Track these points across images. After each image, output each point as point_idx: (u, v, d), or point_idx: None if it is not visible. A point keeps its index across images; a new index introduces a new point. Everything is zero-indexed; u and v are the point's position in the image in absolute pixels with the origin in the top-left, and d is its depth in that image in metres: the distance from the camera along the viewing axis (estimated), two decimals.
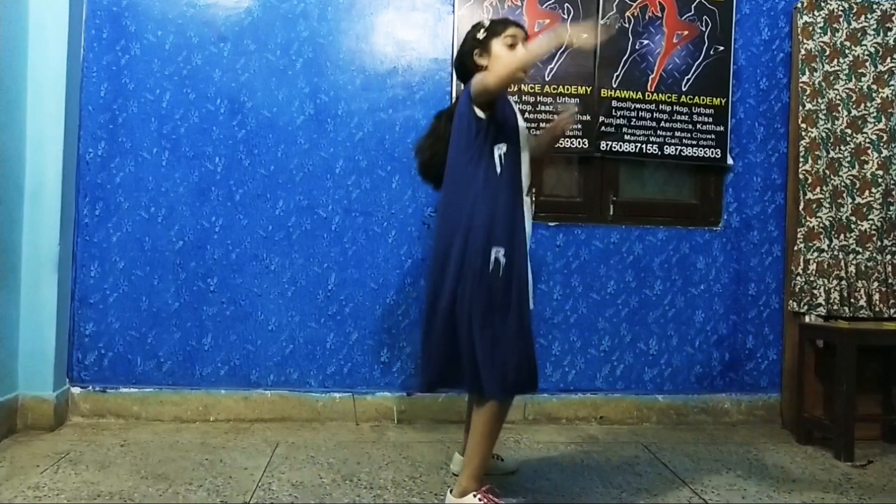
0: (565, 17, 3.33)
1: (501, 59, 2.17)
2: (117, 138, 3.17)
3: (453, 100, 3.26)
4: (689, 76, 3.40)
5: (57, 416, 2.98)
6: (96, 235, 3.15)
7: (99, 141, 3.16)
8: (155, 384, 3.17)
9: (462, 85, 2.34)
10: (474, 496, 2.09)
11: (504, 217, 2.10)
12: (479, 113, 2.14)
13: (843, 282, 3.27)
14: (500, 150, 2.14)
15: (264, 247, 3.23)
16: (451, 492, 2.16)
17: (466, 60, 2.28)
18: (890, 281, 3.29)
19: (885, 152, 3.31)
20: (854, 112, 3.33)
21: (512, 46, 2.19)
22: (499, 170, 2.12)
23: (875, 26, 3.34)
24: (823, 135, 3.31)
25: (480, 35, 2.24)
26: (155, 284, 3.18)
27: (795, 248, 3.34)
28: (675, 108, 3.38)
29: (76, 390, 3.12)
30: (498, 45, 2.20)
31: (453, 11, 3.29)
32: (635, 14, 3.37)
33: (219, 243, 3.21)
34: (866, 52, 3.34)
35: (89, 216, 3.15)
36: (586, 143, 3.32)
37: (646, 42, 3.37)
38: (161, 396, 3.16)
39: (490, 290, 2.04)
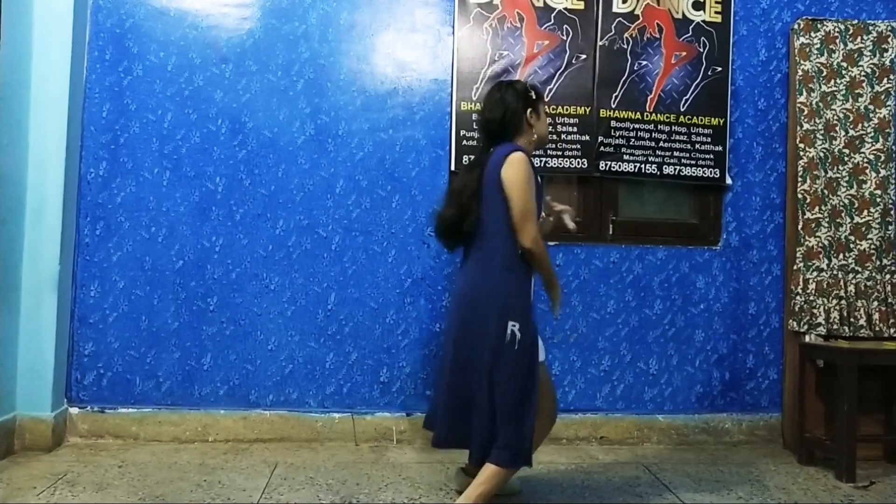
0: (564, 37, 3.36)
1: (544, 126, 2.45)
2: (119, 158, 3.19)
3: (454, 123, 3.29)
4: (688, 96, 3.42)
5: (55, 436, 2.97)
6: (97, 255, 3.16)
7: (100, 161, 3.18)
8: (154, 404, 3.16)
9: (488, 139, 2.39)
10: None
11: (522, 293, 2.24)
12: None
13: (843, 301, 3.28)
14: None
15: (264, 266, 3.23)
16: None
17: (515, 118, 2.33)
18: (889, 300, 3.29)
19: (882, 172, 3.32)
20: (852, 132, 3.35)
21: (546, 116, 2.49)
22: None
23: (871, 47, 3.37)
24: (822, 154, 3.33)
25: (533, 96, 2.39)
26: (155, 304, 3.18)
27: (795, 267, 3.34)
28: (673, 128, 3.40)
29: (74, 410, 3.11)
30: (543, 113, 2.43)
31: (453, 33, 3.32)
32: (634, 35, 3.40)
33: (219, 263, 3.21)
34: (863, 73, 3.36)
35: (90, 236, 3.16)
36: (585, 162, 3.34)
37: (644, 63, 3.40)
38: (160, 416, 3.14)
39: (505, 362, 2.16)
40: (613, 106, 3.37)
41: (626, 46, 3.39)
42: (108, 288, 3.16)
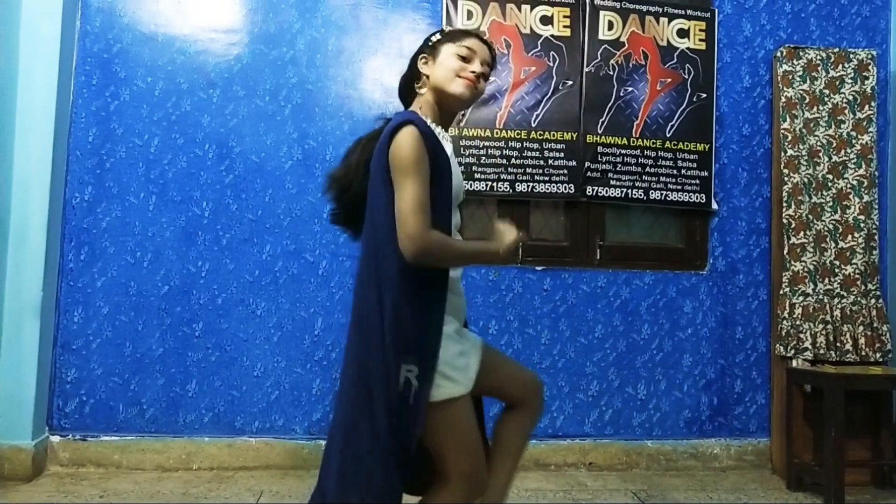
0: (551, 63, 3.39)
1: (444, 67, 1.71)
2: (104, 183, 3.17)
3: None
4: (674, 122, 3.45)
5: (35, 465, 2.92)
6: (81, 280, 3.13)
7: (86, 185, 3.16)
8: (137, 432, 3.11)
9: (402, 105, 1.87)
10: None
11: (422, 321, 1.59)
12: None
13: (829, 326, 3.29)
14: None
15: (251, 291, 3.21)
16: None
17: (411, 69, 1.80)
18: (875, 325, 3.31)
19: (866, 197, 3.36)
20: (835, 158, 3.39)
21: (464, 59, 1.71)
22: None
23: (852, 75, 3.42)
24: (805, 180, 3.36)
25: (434, 38, 1.78)
26: (139, 330, 3.14)
27: (781, 291, 3.35)
28: (659, 153, 3.43)
29: (55, 439, 3.06)
30: (448, 52, 1.73)
31: None
32: (619, 62, 3.43)
33: (205, 288, 3.19)
34: (845, 100, 3.41)
35: (74, 261, 3.13)
36: (572, 188, 3.35)
37: (630, 89, 3.43)
38: (143, 444, 3.10)
39: (390, 415, 1.54)
40: (600, 131, 3.39)
41: (612, 73, 3.42)
42: (92, 314, 3.13)
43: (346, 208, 1.79)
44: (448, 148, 1.69)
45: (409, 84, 1.81)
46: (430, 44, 1.77)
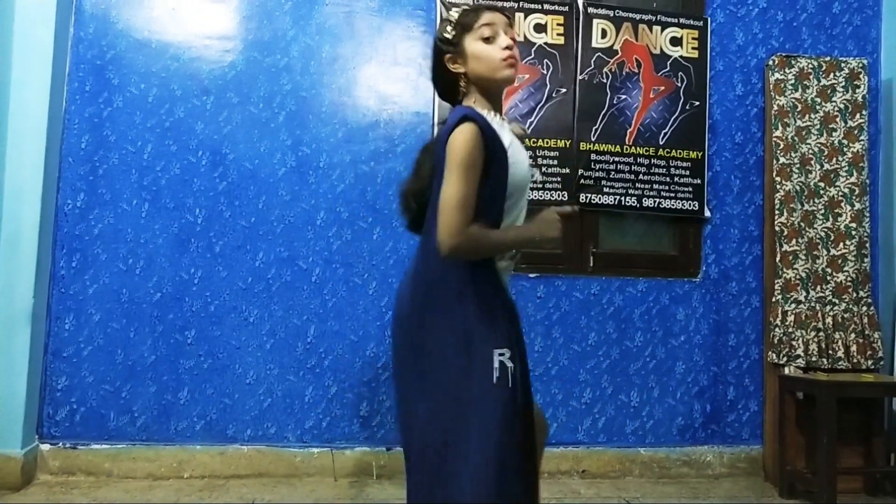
0: (544, 71, 3.40)
1: (486, 60, 1.71)
2: (97, 189, 3.16)
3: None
4: (667, 130, 3.46)
5: (24, 474, 2.89)
6: (72, 287, 3.11)
7: (78, 192, 3.15)
8: (128, 440, 3.09)
9: (443, 101, 1.91)
10: None
11: (505, 306, 1.67)
12: None
13: (821, 333, 3.30)
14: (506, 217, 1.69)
15: (243, 298, 3.20)
16: None
17: (442, 72, 1.80)
18: (867, 332, 3.32)
19: (857, 205, 3.37)
20: (826, 166, 3.40)
21: (488, 40, 1.71)
22: None
23: (844, 83, 3.44)
24: (798, 188, 3.38)
25: (449, 33, 1.76)
26: (131, 337, 3.13)
27: (773, 299, 3.36)
28: (652, 161, 3.44)
29: (45, 447, 3.03)
30: (473, 43, 1.73)
31: None
32: (613, 69, 3.45)
33: (197, 295, 3.18)
34: (836, 109, 3.43)
35: (66, 268, 3.12)
36: (566, 195, 3.36)
37: (623, 97, 3.45)
38: (134, 452, 3.08)
39: (498, 406, 1.55)
40: (593, 139, 3.40)
41: (605, 81, 3.43)
42: (84, 321, 3.11)
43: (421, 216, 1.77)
44: (506, 138, 1.67)
45: (450, 86, 1.80)
46: (452, 44, 1.75)
